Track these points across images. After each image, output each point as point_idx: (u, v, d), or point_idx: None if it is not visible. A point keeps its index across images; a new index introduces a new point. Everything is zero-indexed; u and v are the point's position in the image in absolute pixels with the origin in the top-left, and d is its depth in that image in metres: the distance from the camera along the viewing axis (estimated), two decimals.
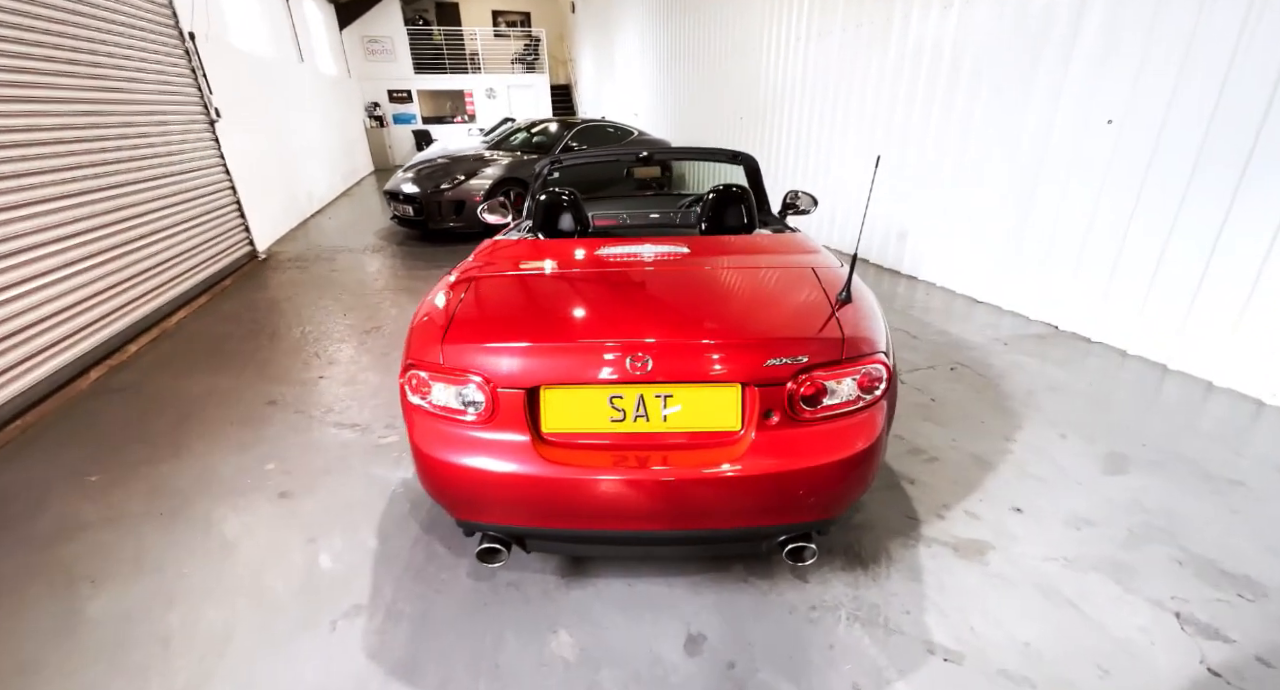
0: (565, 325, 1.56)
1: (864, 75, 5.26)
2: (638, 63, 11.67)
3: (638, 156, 2.97)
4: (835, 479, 1.48)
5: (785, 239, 2.24)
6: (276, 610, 1.77)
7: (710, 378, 1.43)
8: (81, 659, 1.63)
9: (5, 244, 3.06)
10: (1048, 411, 2.79)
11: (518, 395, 1.44)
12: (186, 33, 5.40)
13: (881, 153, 5.17)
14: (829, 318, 1.55)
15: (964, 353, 3.47)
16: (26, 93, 3.34)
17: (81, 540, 2.09)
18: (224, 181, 5.73)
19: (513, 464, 1.43)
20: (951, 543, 1.98)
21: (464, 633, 1.68)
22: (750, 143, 7.53)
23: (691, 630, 1.68)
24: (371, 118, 13.74)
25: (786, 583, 1.84)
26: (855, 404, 1.52)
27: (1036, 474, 2.33)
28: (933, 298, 4.49)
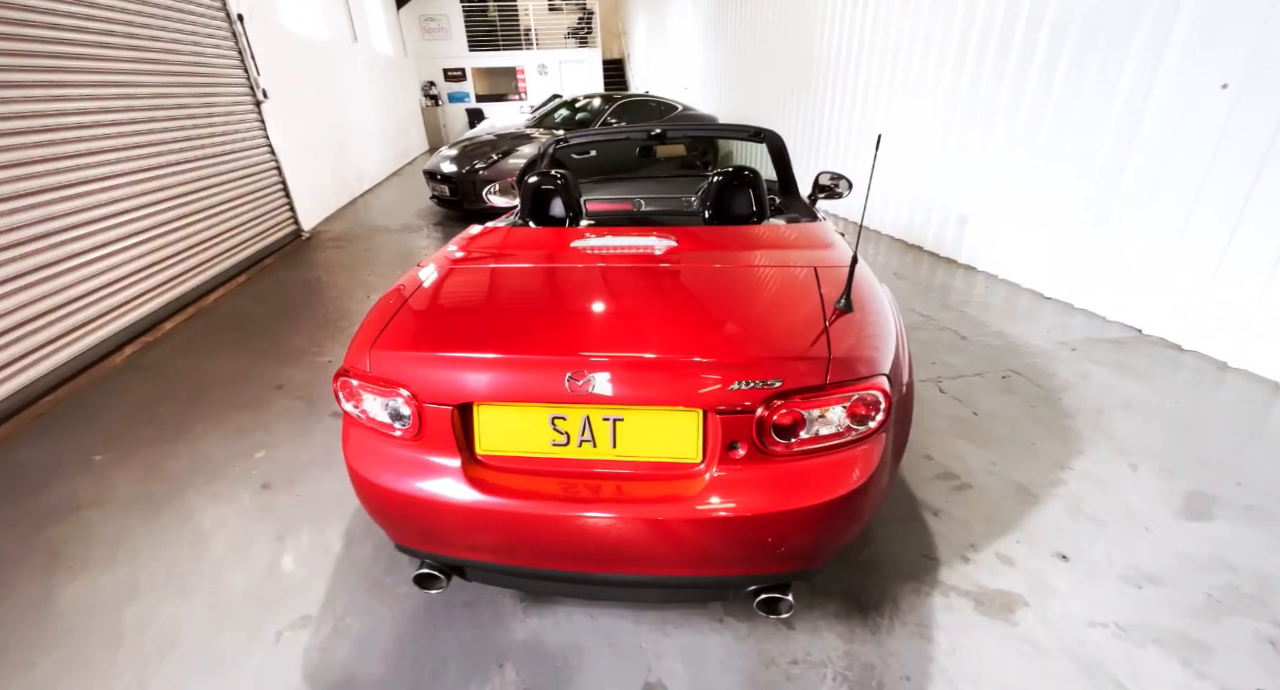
0: (507, 333, 1.36)
1: (925, 42, 4.71)
2: (689, 34, 11.18)
3: (648, 134, 2.71)
4: (812, 527, 1.23)
5: (795, 231, 1.95)
6: (228, 614, 1.71)
7: (665, 401, 1.21)
8: (42, 649, 1.62)
9: (53, 222, 3.18)
10: (1117, 435, 2.38)
11: (445, 412, 1.26)
12: (235, 15, 5.48)
13: (941, 127, 4.64)
14: (818, 332, 1.28)
15: (1021, 358, 3.05)
16: (72, 78, 3.42)
17: (72, 522, 2.12)
18: (269, 162, 5.86)
19: (439, 489, 1.27)
20: (974, 593, 1.69)
21: (406, 657, 1.55)
22: (800, 116, 7.03)
23: (650, 678, 1.49)
24: (427, 96, 13.89)
25: (768, 628, 1.61)
26: (844, 437, 1.26)
27: (1093, 513, 1.97)
28: (993, 292, 4.01)
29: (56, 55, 3.38)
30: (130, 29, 4.01)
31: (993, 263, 4.36)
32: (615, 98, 7.78)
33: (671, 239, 1.79)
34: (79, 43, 3.54)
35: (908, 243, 5.23)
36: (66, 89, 3.40)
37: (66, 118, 3.39)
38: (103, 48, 3.72)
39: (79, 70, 3.53)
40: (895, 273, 4.46)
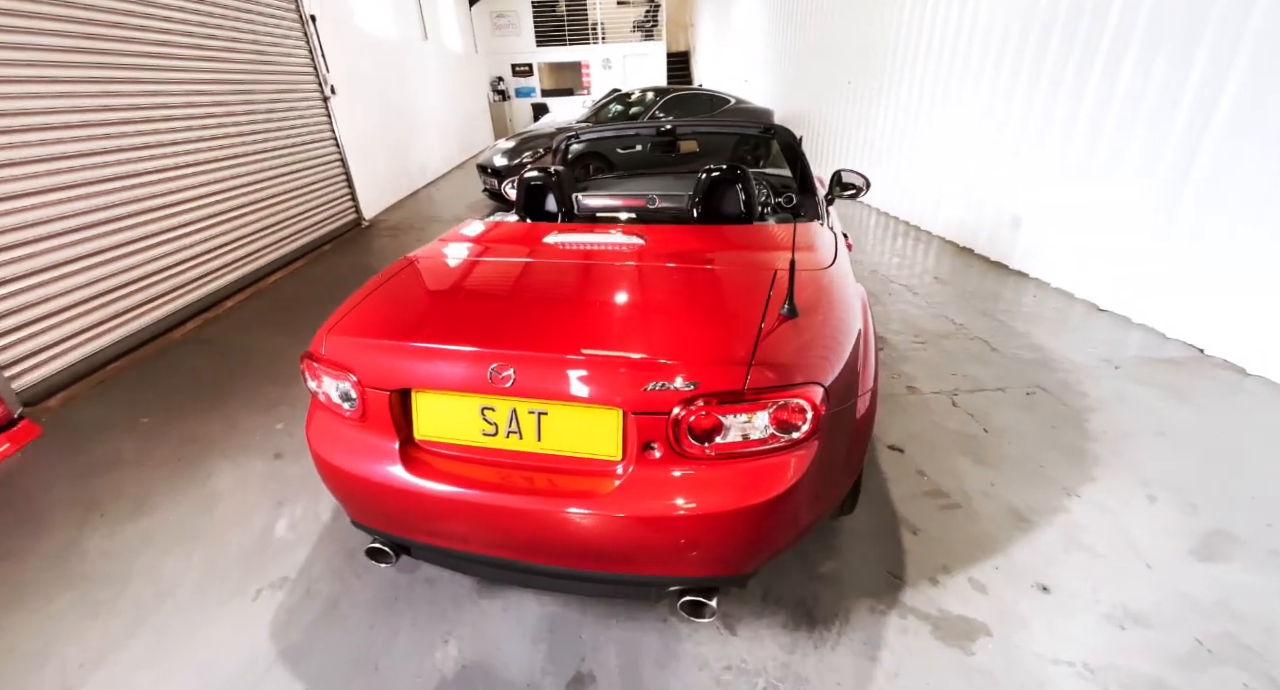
0: (445, 324, 1.42)
1: (984, 36, 4.41)
2: (752, 26, 10.95)
3: (657, 131, 2.70)
4: (726, 533, 1.21)
5: (777, 232, 1.89)
6: (221, 570, 1.87)
7: (585, 399, 1.23)
8: (60, 587, 1.84)
9: (133, 205, 3.56)
10: (1143, 463, 2.18)
11: (383, 397, 1.33)
12: (308, 16, 5.87)
13: (997, 123, 4.35)
14: (749, 337, 1.26)
15: (1053, 374, 2.83)
16: (152, 75, 3.79)
17: (112, 476, 2.37)
18: (334, 154, 6.24)
19: (378, 469, 1.35)
20: (934, 617, 1.61)
21: (362, 625, 1.66)
22: (857, 110, 6.76)
23: (584, 668, 1.51)
24: (495, 91, 14.33)
25: (710, 631, 1.60)
26: (767, 444, 1.23)
27: (1090, 545, 1.82)
28: (1043, 301, 3.73)
29: (158, 55, 3.77)
30: (213, 32, 4.39)
31: (1046, 270, 4.05)
32: (667, 91, 7.76)
33: (639, 238, 1.80)
34: (176, 44, 3.93)
35: (959, 245, 4.94)
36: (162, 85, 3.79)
37: (153, 110, 3.76)
38: (190, 48, 4.10)
39: (172, 68, 3.91)
40: (936, 277, 4.23)
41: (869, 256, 4.77)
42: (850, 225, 5.79)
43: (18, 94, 2.94)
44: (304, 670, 1.54)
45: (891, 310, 3.65)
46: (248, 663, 1.56)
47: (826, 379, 1.30)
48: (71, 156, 3.21)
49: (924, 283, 4.12)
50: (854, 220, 6.00)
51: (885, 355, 3.07)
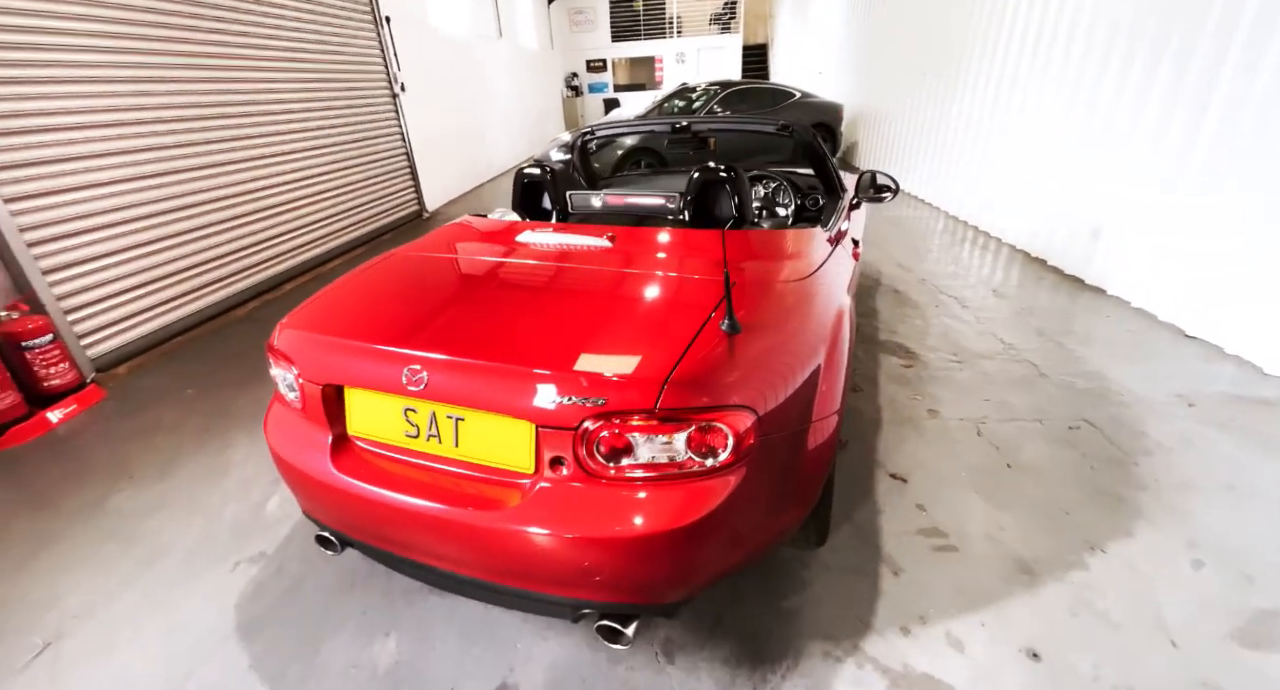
0: (378, 322, 1.41)
1: (1069, 27, 3.95)
2: (830, 16, 10.45)
3: (673, 127, 2.61)
4: (631, 560, 1.14)
5: (759, 239, 1.75)
6: (213, 539, 2.00)
7: (496, 408, 1.19)
8: (81, 540, 2.03)
9: (203, 194, 3.89)
10: (1196, 520, 1.87)
11: (315, 390, 1.35)
12: (383, 18, 6.18)
13: (1080, 119, 3.90)
14: (675, 353, 1.17)
15: (1108, 408, 2.50)
16: (228, 75, 4.12)
17: (148, 440, 2.60)
18: (400, 148, 6.56)
19: (309, 462, 1.37)
20: (894, 672, 1.45)
21: (318, 608, 1.71)
22: (929, 107, 6.30)
23: (509, 680, 1.48)
24: (568, 87, 14.56)
25: (646, 657, 1.52)
26: (685, 469, 1.14)
27: (1105, 612, 1.58)
28: (1118, 322, 3.31)
29: (238, 57, 4.10)
30: (296, 33, 4.72)
31: (1126, 286, 3.59)
32: (729, 85, 7.56)
33: (609, 240, 1.72)
34: (259, 45, 4.25)
35: (1031, 255, 4.48)
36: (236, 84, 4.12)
37: (225, 107, 4.10)
38: (270, 49, 4.43)
39: (248, 67, 4.24)
40: (994, 290, 3.86)
41: (924, 264, 4.43)
42: (915, 229, 5.41)
43: (115, 92, 3.27)
44: (254, 644, 1.60)
45: (932, 324, 3.36)
46: (209, 630, 1.65)
47: (760, 402, 1.19)
48: (152, 149, 3.54)
49: (978, 296, 3.77)
50: (919, 224, 5.59)
51: (913, 374, 2.83)
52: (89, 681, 1.53)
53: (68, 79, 3.12)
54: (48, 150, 2.99)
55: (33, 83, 2.97)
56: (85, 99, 3.20)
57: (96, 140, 3.24)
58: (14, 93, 2.88)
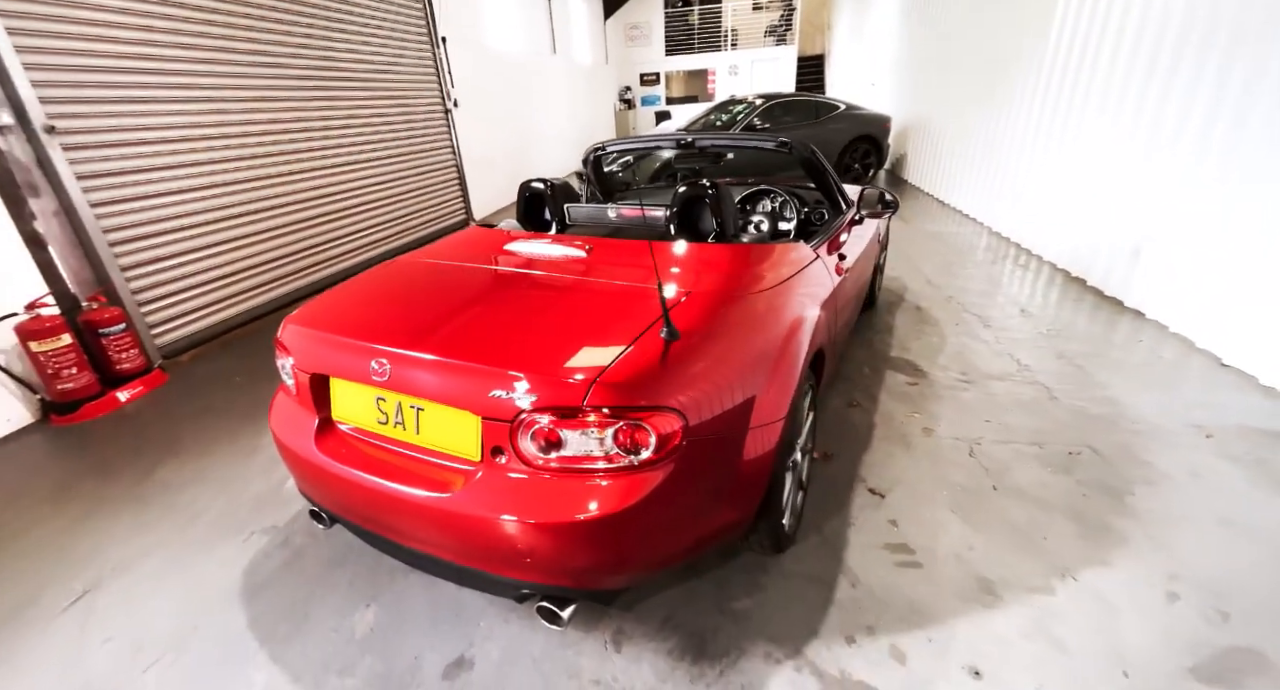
0: (359, 319, 1.58)
1: (1115, 44, 3.80)
2: (885, 27, 10.29)
3: (678, 144, 2.71)
4: (558, 544, 1.24)
5: (727, 254, 1.81)
6: (235, 511, 2.23)
7: (447, 400, 1.32)
8: (129, 504, 2.31)
9: (267, 201, 4.29)
10: (1183, 554, 1.80)
11: (305, 379, 1.53)
12: (440, 38, 6.59)
13: (1125, 133, 3.74)
14: (609, 355, 1.27)
15: (1116, 435, 2.40)
16: (295, 93, 4.53)
17: (198, 421, 2.90)
18: (450, 160, 6.94)
19: (298, 442, 1.54)
20: (831, 678, 1.48)
21: (312, 578, 1.89)
22: (977, 118, 6.13)
23: (469, 653, 1.61)
24: (621, 100, 14.88)
25: (596, 644, 1.61)
26: (612, 463, 1.24)
27: (1061, 638, 1.56)
28: (1151, 348, 3.15)
29: (312, 77, 4.50)
30: (360, 55, 5.14)
31: (1165, 310, 3.41)
32: (772, 97, 7.59)
33: (583, 250, 1.84)
34: (326, 68, 4.66)
35: (1071, 274, 4.30)
36: (301, 102, 4.53)
37: (290, 123, 4.50)
38: (332, 70, 4.84)
39: (313, 87, 4.65)
40: (1023, 309, 3.74)
41: (955, 281, 4.32)
42: (955, 245, 5.27)
43: (199, 110, 3.69)
44: (254, 605, 1.80)
45: (948, 343, 3.30)
46: (220, 590, 1.86)
47: (689, 406, 1.27)
48: (223, 161, 3.95)
49: (1004, 315, 3.66)
50: (961, 240, 5.44)
51: (916, 391, 2.80)
52: (113, 626, 1.76)
53: (162, 99, 3.55)
54: (132, 162, 3.40)
55: (132, 102, 3.40)
56: (173, 116, 3.62)
57: (177, 153, 3.65)
58: (117, 110, 3.31)
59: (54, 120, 3.01)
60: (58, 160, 3.03)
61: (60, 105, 3.05)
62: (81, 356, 3.03)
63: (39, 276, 3.03)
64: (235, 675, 1.58)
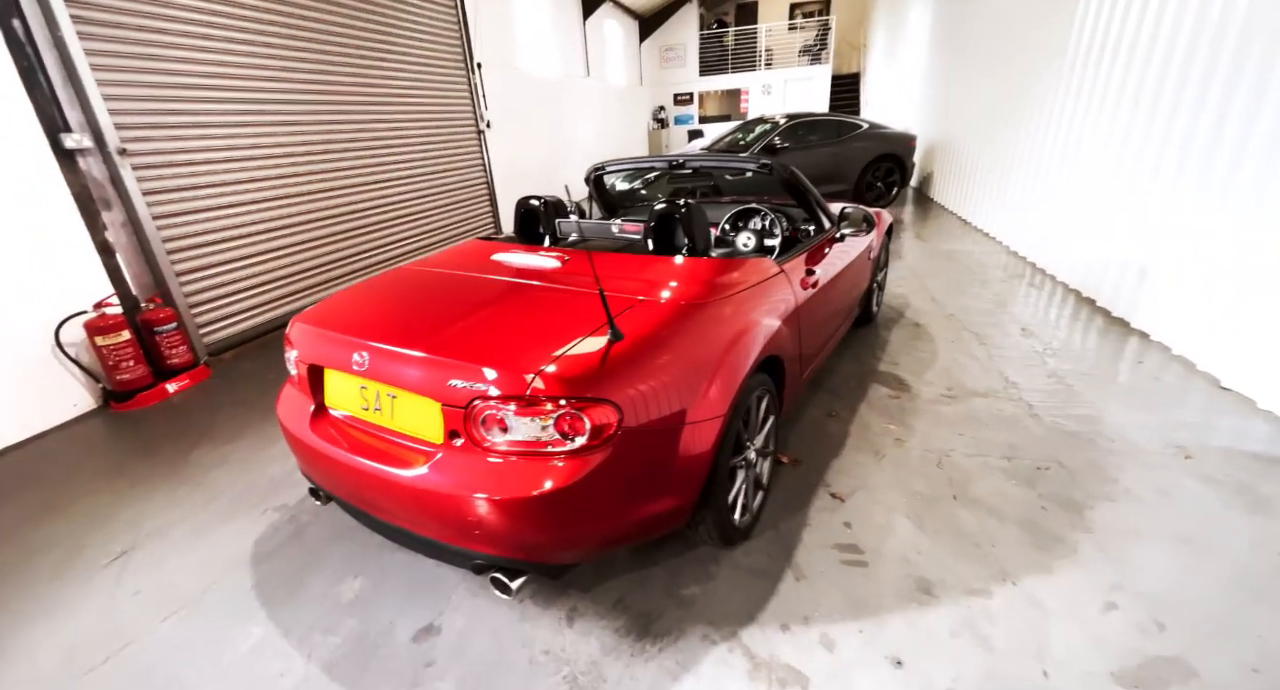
0: (350, 317, 1.79)
1: (1125, 66, 3.81)
2: (916, 47, 10.30)
3: (671, 166, 2.89)
4: (502, 518, 1.40)
5: (687, 268, 1.96)
6: (253, 490, 2.49)
7: (414, 389, 1.52)
8: (167, 481, 2.60)
9: (305, 215, 4.68)
10: (1131, 568, 1.84)
11: (304, 369, 1.76)
12: (475, 64, 7.01)
13: (1134, 149, 3.73)
14: (555, 352, 1.44)
15: (1090, 453, 2.43)
16: (340, 115, 4.95)
17: (232, 412, 3.22)
18: (481, 177, 7.33)
19: (296, 426, 1.77)
20: (761, 659, 1.59)
21: (311, 550, 2.11)
22: (996, 138, 6.11)
23: (437, 621, 1.79)
24: (654, 120, 15.24)
25: (552, 619, 1.77)
26: (551, 447, 1.41)
27: (987, 637, 1.63)
28: (1149, 369, 3.12)
29: (357, 100, 4.92)
30: (401, 80, 5.56)
31: (1168, 331, 3.37)
32: (796, 117, 7.72)
33: (559, 262, 2.03)
34: (371, 92, 5.08)
35: (1081, 295, 4.26)
36: (344, 122, 4.94)
37: (337, 142, 4.91)
38: (376, 94, 5.26)
39: (357, 109, 5.06)
40: (1024, 328, 3.74)
41: (960, 299, 4.33)
42: (968, 264, 5.25)
43: (259, 133, 4.10)
44: (259, 571, 2.03)
45: (940, 359, 3.34)
46: (232, 558, 2.10)
47: (625, 399, 1.43)
48: (272, 178, 4.35)
49: (1003, 333, 3.67)
50: (976, 259, 5.42)
51: (896, 405, 2.87)
52: (142, 581, 2.01)
53: (220, 124, 3.97)
54: (190, 179, 3.81)
55: (194, 127, 3.82)
56: (228, 139, 4.04)
57: (229, 171, 4.06)
58: (180, 134, 3.73)
59: (126, 143, 3.42)
60: (128, 178, 3.45)
61: (132, 130, 3.47)
62: (138, 351, 3.40)
63: (106, 279, 3.42)
64: (237, 628, 1.80)
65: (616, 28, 12.50)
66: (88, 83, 3.21)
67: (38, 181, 3.11)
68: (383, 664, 1.65)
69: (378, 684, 1.60)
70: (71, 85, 3.18)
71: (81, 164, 3.27)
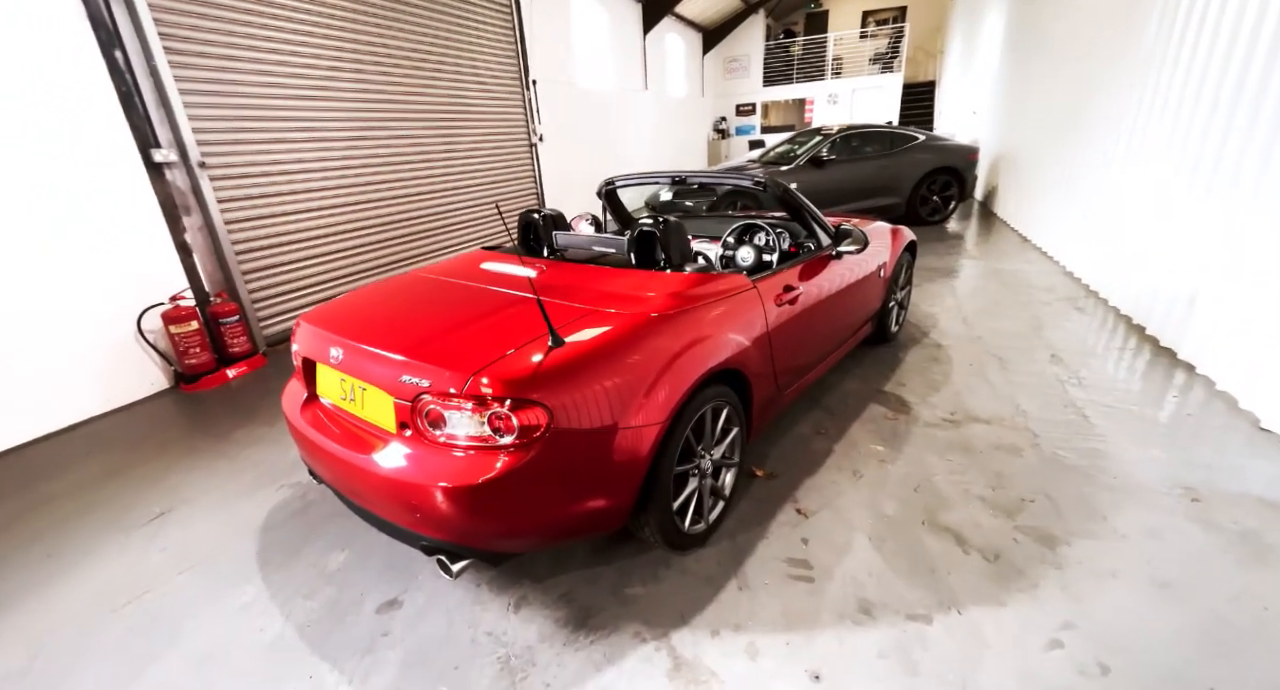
0: (338, 317, 1.99)
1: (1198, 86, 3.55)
2: (989, 55, 9.85)
3: (672, 180, 2.99)
4: (436, 504, 1.54)
5: (653, 282, 2.04)
6: (275, 468, 2.78)
7: (374, 382, 1.70)
8: (209, 454, 2.95)
9: (363, 221, 5.11)
10: (1091, 607, 1.76)
11: (299, 362, 1.99)
12: (531, 81, 7.37)
13: (1189, 168, 3.48)
14: (495, 354, 1.58)
15: (1086, 488, 2.31)
16: (400, 130, 5.37)
17: (272, 399, 3.57)
18: (532, 188, 7.67)
19: (292, 412, 2.00)
20: (684, 660, 1.66)
21: (309, 524, 2.35)
22: (1059, 154, 5.79)
23: (401, 597, 1.96)
24: (715, 130, 15.29)
25: (499, 606, 1.90)
26: (484, 441, 1.54)
27: (915, 663, 1.62)
28: (1184, 404, 2.91)
29: (419, 116, 5.35)
30: (460, 96, 5.97)
31: (1214, 365, 3.11)
32: (850, 129, 7.59)
33: (535, 272, 2.18)
34: (431, 108, 5.50)
35: (1133, 321, 3.98)
36: (403, 136, 5.37)
37: (395, 153, 5.33)
38: (436, 109, 5.68)
39: (416, 124, 5.49)
40: (1054, 354, 3.54)
41: (994, 321, 4.15)
42: (1015, 284, 5.00)
43: (329, 146, 4.56)
44: (263, 539, 2.28)
45: (952, 382, 3.24)
46: (245, 526, 2.38)
47: (556, 401, 1.55)
48: (333, 187, 4.80)
49: (1029, 359, 3.50)
50: (1025, 279, 5.14)
51: (890, 426, 2.82)
52: (170, 540, 2.32)
53: (288, 139, 4.43)
54: (259, 189, 4.27)
55: (265, 142, 4.29)
56: (295, 153, 4.49)
57: (293, 182, 4.51)
58: (253, 149, 4.20)
59: (205, 157, 3.90)
60: (205, 188, 3.92)
61: (210, 146, 3.95)
62: (205, 339, 3.85)
63: (183, 275, 3.90)
64: (235, 587, 2.05)
65: (678, 41, 12.69)
66: (175, 105, 3.69)
67: (131, 190, 3.60)
68: (346, 630, 1.84)
69: (338, 647, 1.78)
70: (163, 107, 3.67)
71: (168, 175, 3.76)
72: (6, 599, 2.06)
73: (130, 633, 1.88)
